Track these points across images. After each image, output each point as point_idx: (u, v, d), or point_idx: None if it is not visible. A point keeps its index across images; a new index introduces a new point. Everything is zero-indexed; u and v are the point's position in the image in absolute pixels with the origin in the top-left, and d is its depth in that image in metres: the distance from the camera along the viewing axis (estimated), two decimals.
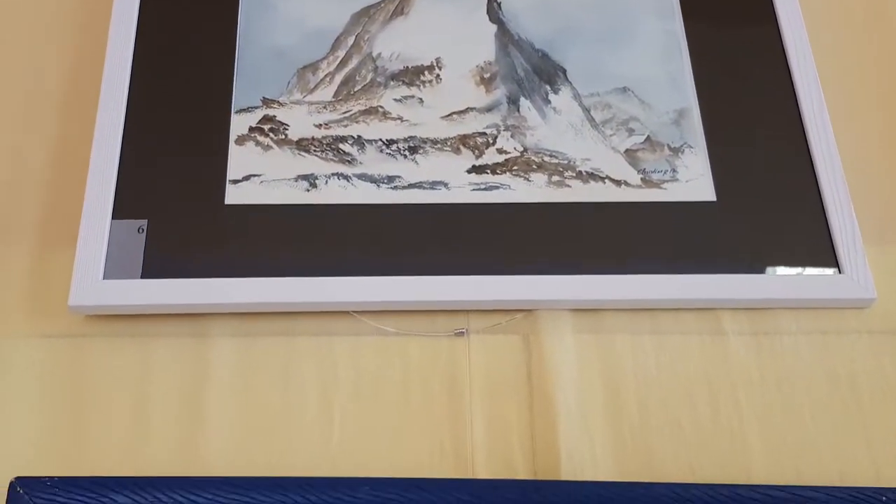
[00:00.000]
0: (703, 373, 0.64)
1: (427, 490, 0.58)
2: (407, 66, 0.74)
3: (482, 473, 0.61)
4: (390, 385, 0.64)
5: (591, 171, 0.70)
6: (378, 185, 0.69)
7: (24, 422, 0.62)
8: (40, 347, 0.65)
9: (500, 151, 0.71)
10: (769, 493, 0.58)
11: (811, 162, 0.69)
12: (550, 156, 0.71)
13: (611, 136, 0.71)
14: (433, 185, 0.69)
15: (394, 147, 0.71)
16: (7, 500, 0.57)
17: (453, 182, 0.69)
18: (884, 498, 0.57)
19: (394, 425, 0.63)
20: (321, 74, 0.74)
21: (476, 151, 0.71)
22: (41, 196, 0.71)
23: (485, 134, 0.71)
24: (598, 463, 0.61)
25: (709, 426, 0.62)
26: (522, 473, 0.61)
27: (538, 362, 0.65)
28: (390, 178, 0.70)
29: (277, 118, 0.72)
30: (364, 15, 0.77)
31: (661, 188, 0.69)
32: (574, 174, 0.70)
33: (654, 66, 0.74)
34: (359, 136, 0.71)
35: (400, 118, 0.72)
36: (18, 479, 0.57)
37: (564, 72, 0.74)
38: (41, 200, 0.70)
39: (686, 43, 0.75)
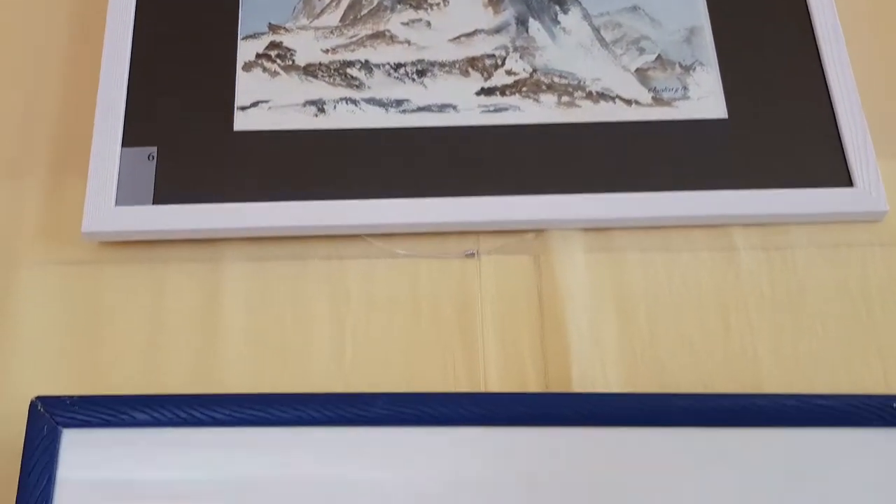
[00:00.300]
0: (715, 288, 0.64)
1: (440, 404, 0.58)
2: None
3: (494, 389, 0.61)
4: (402, 306, 0.64)
5: (601, 90, 0.69)
6: (386, 109, 0.69)
7: (43, 345, 0.63)
8: (56, 274, 0.66)
9: (509, 73, 0.70)
10: (781, 402, 0.58)
11: (823, 76, 0.69)
12: (560, 76, 0.70)
13: (621, 55, 0.71)
14: (442, 107, 0.69)
15: (402, 71, 0.70)
16: (28, 418, 0.57)
17: (462, 104, 0.69)
18: (894, 404, 0.57)
19: (406, 344, 0.63)
20: None
21: (485, 73, 0.70)
22: (52, 126, 0.71)
23: (493, 56, 0.71)
24: (610, 377, 0.62)
25: (720, 340, 0.63)
26: (534, 389, 0.61)
27: (549, 281, 0.65)
28: (398, 102, 0.69)
29: (284, 44, 0.71)
30: None
31: (671, 107, 0.69)
32: (584, 94, 0.69)
33: None
34: (366, 61, 0.71)
35: (407, 42, 0.72)
36: (39, 398, 0.58)
37: None
38: (52, 131, 0.71)
39: None
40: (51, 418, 0.58)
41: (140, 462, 0.58)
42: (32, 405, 0.58)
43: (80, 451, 0.57)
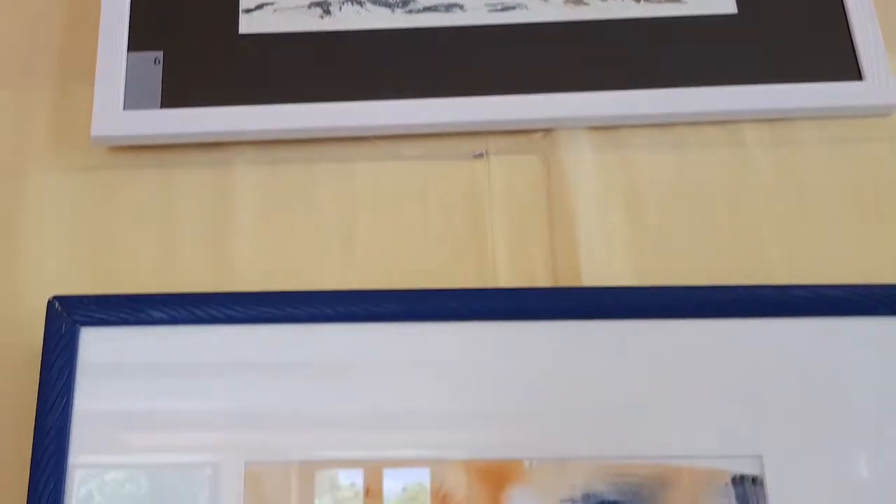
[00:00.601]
0: (724, 184, 0.64)
1: (451, 299, 0.59)
2: None
3: (504, 285, 0.62)
4: (411, 207, 0.65)
5: None
6: (392, 10, 0.68)
7: (57, 249, 0.64)
8: (67, 181, 0.66)
9: None
10: (789, 292, 0.59)
11: None
12: None
13: None
14: (448, 7, 0.68)
15: None
16: (46, 317, 0.58)
17: (469, 4, 0.68)
18: None
19: (416, 243, 0.64)
20: None
21: None
22: (58, 33, 0.70)
23: None
24: (619, 272, 0.62)
25: (729, 235, 0.63)
26: (544, 284, 0.62)
27: (558, 180, 0.65)
28: (404, 2, 0.69)
29: None
30: None
31: (680, 2, 0.68)
32: None
33: None
34: None
35: None
36: (56, 297, 0.59)
37: None
38: (58, 37, 0.70)
39: None
40: (69, 317, 0.58)
41: (157, 359, 0.59)
42: (50, 304, 0.59)
43: (98, 348, 0.58)
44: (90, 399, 0.58)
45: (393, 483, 0.57)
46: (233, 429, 0.57)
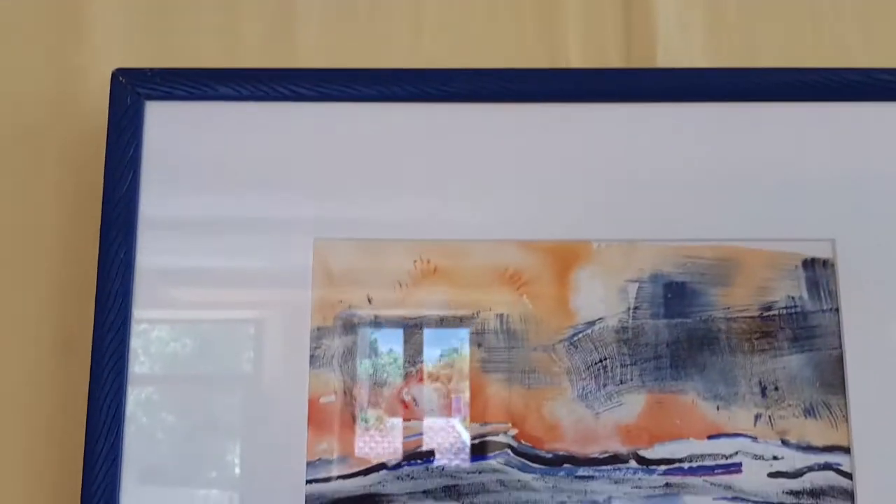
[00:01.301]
0: None
1: (521, 79, 0.58)
2: None
3: (577, 66, 0.61)
4: None
5: None
6: None
7: (119, 27, 0.63)
8: None
9: None
10: (873, 75, 0.57)
11: None
12: None
13: None
14: None
15: None
16: (111, 90, 0.57)
17: None
18: None
19: (485, 23, 0.62)
20: None
21: None
22: None
23: None
24: (695, 56, 0.60)
25: (809, 19, 0.61)
26: (617, 65, 0.61)
27: None
28: None
29: None
30: None
31: None
32: None
33: None
34: None
35: None
36: (119, 70, 0.57)
37: None
38: None
39: None
40: (133, 90, 0.57)
41: (223, 136, 0.58)
42: (114, 77, 0.57)
43: (164, 123, 0.57)
44: (156, 173, 0.57)
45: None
46: (300, 204, 0.57)
